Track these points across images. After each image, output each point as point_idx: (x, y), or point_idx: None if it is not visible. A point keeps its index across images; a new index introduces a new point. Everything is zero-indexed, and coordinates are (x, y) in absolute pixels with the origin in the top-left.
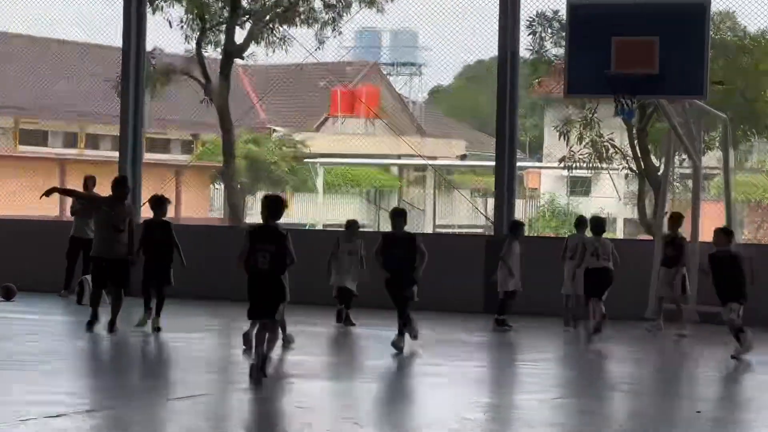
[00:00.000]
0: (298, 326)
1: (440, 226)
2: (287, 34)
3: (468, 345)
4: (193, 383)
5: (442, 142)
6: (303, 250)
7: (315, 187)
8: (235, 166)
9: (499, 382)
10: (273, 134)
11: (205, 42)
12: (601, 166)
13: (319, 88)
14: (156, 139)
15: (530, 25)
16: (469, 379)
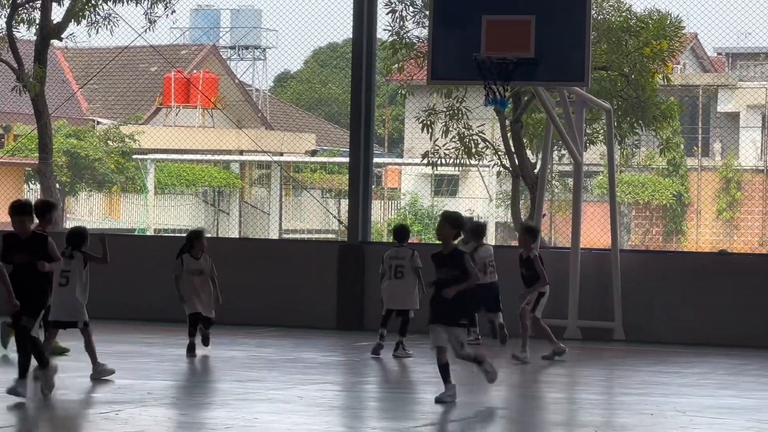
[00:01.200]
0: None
1: (288, 231)
2: (112, 12)
3: (318, 366)
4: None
5: (289, 136)
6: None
7: (145, 187)
8: (52, 163)
9: (354, 407)
10: (97, 127)
11: (16, 21)
12: (469, 163)
13: (150, 74)
14: None
15: (389, 3)
16: (319, 405)
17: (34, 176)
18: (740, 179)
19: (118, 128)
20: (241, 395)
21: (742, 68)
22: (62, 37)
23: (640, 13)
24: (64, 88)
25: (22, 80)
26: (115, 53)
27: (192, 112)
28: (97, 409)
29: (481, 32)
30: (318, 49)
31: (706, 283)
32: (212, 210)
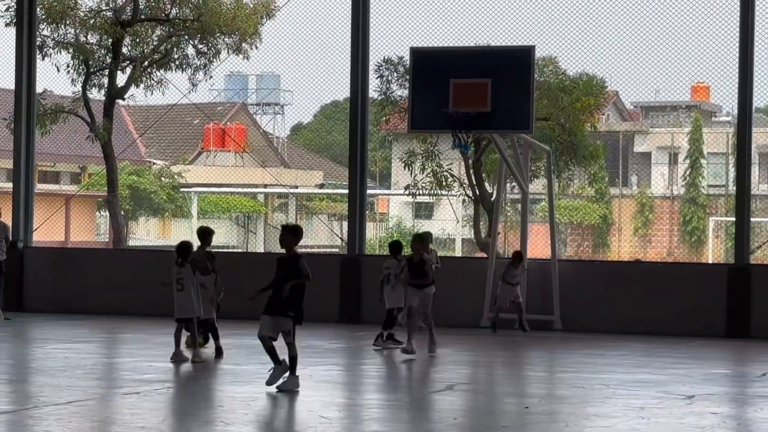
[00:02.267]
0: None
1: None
2: (164, 77)
3: (325, 351)
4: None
5: (302, 173)
6: None
7: (190, 213)
8: (118, 195)
9: (353, 383)
10: (152, 166)
11: (90, 84)
12: (441, 193)
13: (193, 125)
14: (47, 172)
15: (378, 70)
16: (325, 382)
17: (103, 206)
18: (652, 204)
19: (169, 167)
20: (263, 375)
21: (653, 117)
22: (125, 97)
23: (572, 75)
24: (127, 136)
25: (94, 131)
26: (166, 109)
27: (226, 154)
28: (151, 386)
29: (449, 92)
30: (324, 105)
31: (625, 284)
32: (243, 231)
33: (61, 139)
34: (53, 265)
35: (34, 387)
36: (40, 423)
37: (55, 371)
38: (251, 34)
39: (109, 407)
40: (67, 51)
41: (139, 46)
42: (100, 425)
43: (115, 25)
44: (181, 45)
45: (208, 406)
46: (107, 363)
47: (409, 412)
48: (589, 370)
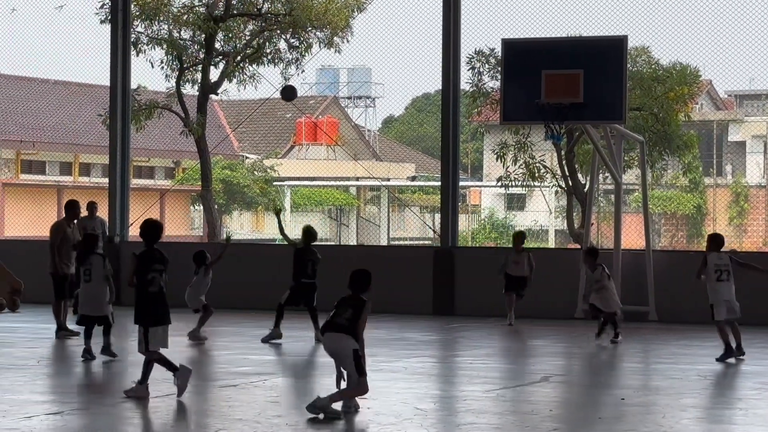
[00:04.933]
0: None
1: (394, 239)
2: (256, 72)
3: (419, 343)
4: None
5: (394, 166)
6: (273, 262)
7: (283, 207)
8: (212, 189)
9: (447, 375)
10: (245, 161)
11: (183, 80)
12: (533, 184)
13: (285, 119)
14: (142, 167)
15: (470, 62)
16: (419, 374)
17: (197, 200)
18: (747, 193)
19: (262, 161)
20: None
21: (747, 106)
22: (218, 92)
23: (665, 65)
24: (220, 131)
25: (188, 126)
26: (259, 104)
27: (318, 148)
28: (247, 379)
29: (542, 83)
30: (415, 98)
31: None
32: (335, 224)
33: (156, 134)
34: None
35: (130, 380)
36: (136, 414)
37: None
38: (342, 28)
39: (206, 400)
40: (160, 47)
41: (231, 41)
42: (198, 418)
43: (208, 21)
44: (273, 39)
45: (304, 398)
46: (203, 356)
47: (504, 403)
48: (686, 361)
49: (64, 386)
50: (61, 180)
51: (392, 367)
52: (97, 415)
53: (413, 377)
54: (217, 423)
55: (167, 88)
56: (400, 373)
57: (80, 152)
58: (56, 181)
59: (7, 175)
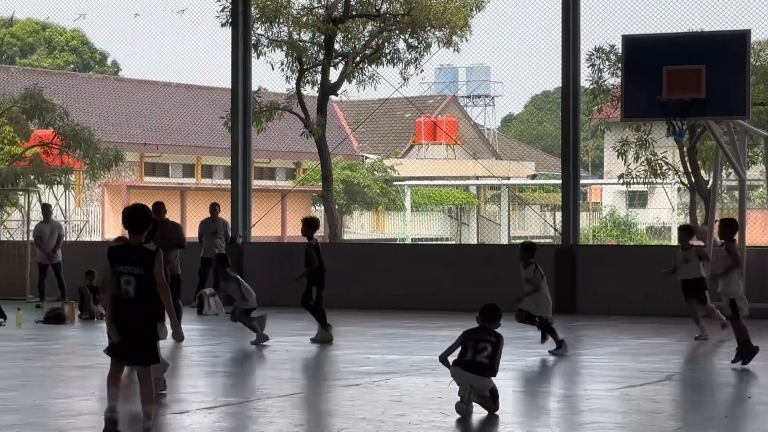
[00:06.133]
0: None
1: (514, 238)
2: (375, 72)
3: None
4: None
5: (514, 164)
6: (392, 262)
7: (404, 206)
8: (332, 190)
9: (570, 373)
10: (365, 161)
11: (303, 81)
12: (655, 181)
13: (405, 119)
14: (263, 168)
15: (590, 59)
16: (543, 372)
17: (318, 200)
18: None
19: (382, 161)
20: None
21: None
22: (337, 93)
23: None
24: (340, 131)
25: (308, 127)
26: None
27: (438, 147)
28: (370, 378)
29: (663, 79)
30: (534, 96)
31: None
32: (456, 223)
33: (276, 135)
34: (271, 259)
35: (258, 380)
36: (264, 414)
37: (277, 364)
38: (461, 27)
39: (330, 399)
40: (280, 49)
41: (350, 41)
42: (322, 417)
43: (328, 22)
44: (392, 39)
45: (428, 397)
46: (326, 355)
47: (629, 402)
48: None
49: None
50: (184, 182)
51: (515, 366)
52: (225, 414)
53: (536, 376)
54: (341, 422)
55: (287, 89)
56: (523, 372)
57: (202, 154)
58: (179, 183)
59: (132, 177)
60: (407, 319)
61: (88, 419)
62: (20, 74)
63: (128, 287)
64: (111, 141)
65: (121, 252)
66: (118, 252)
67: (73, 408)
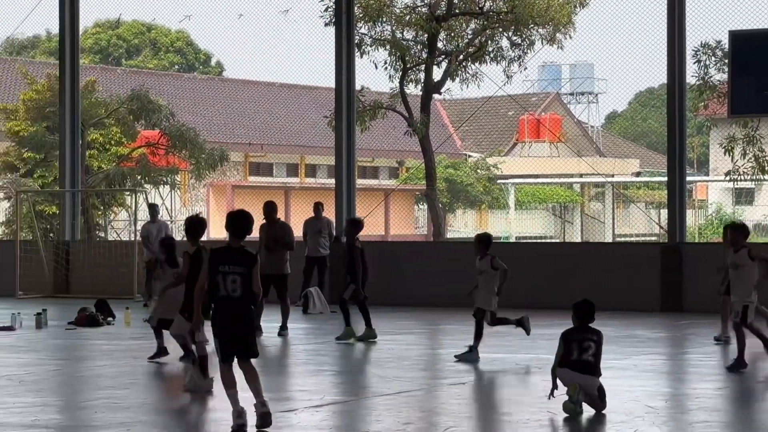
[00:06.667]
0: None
1: (619, 236)
2: (479, 70)
3: (648, 340)
4: (406, 380)
5: (618, 161)
6: None
7: (507, 204)
8: (436, 188)
9: (678, 372)
10: (468, 159)
11: (406, 80)
12: (763, 178)
13: (508, 117)
14: (366, 167)
15: (695, 55)
16: (649, 371)
17: (422, 199)
18: None
19: (485, 160)
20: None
21: None
22: (441, 91)
23: None
24: (443, 130)
25: (412, 126)
26: (481, 102)
27: (541, 145)
28: (476, 376)
29: None
30: (639, 93)
31: None
32: (559, 221)
33: (380, 134)
34: (375, 258)
35: (363, 378)
36: (371, 412)
37: (383, 362)
38: (565, 24)
39: (436, 397)
40: (384, 48)
41: (454, 40)
42: (428, 415)
43: (431, 20)
44: (495, 37)
45: (534, 395)
46: (431, 354)
47: (736, 402)
48: None
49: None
50: (288, 181)
51: (622, 364)
52: (332, 413)
53: (643, 375)
54: (448, 421)
55: (391, 88)
56: (630, 370)
57: (306, 154)
58: (283, 182)
59: (236, 177)
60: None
61: (195, 417)
62: (126, 75)
63: (234, 286)
64: (216, 141)
65: (223, 254)
66: (220, 254)
67: (181, 406)
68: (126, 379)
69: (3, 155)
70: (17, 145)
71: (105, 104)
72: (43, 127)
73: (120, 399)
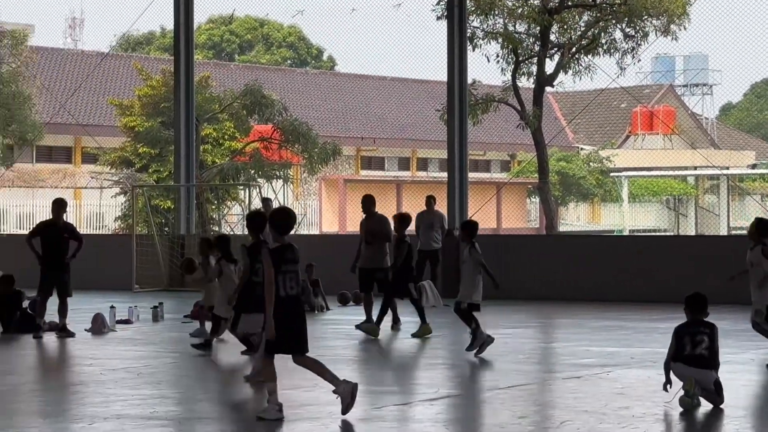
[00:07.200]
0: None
1: (734, 228)
2: (591, 63)
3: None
4: (521, 373)
5: (733, 153)
6: (609, 254)
7: (620, 197)
8: (549, 181)
9: None
10: (581, 152)
11: (519, 73)
12: None
13: (620, 109)
14: (478, 160)
15: None
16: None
17: (534, 192)
18: None
19: (597, 152)
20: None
21: None
22: (553, 84)
23: None
24: (555, 123)
25: (524, 119)
26: (594, 94)
27: (654, 137)
28: (591, 371)
29: None
30: (755, 84)
31: None
32: (673, 214)
33: (491, 127)
34: (488, 251)
35: (478, 371)
36: (485, 406)
37: (497, 356)
38: (679, 15)
39: (551, 391)
40: (496, 41)
41: (566, 32)
42: (543, 409)
43: (543, 13)
44: (608, 29)
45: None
46: (546, 347)
47: None
48: None
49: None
50: (400, 175)
51: (739, 359)
52: (447, 406)
53: (761, 369)
54: (563, 414)
55: (503, 81)
56: (747, 365)
57: (418, 147)
58: (395, 176)
59: (348, 171)
60: (625, 311)
61: (311, 410)
62: (239, 71)
63: (293, 284)
64: (328, 135)
65: (282, 252)
66: (280, 253)
67: (297, 399)
68: (242, 372)
69: (119, 150)
70: (133, 141)
71: (218, 99)
72: (158, 123)
73: (236, 392)
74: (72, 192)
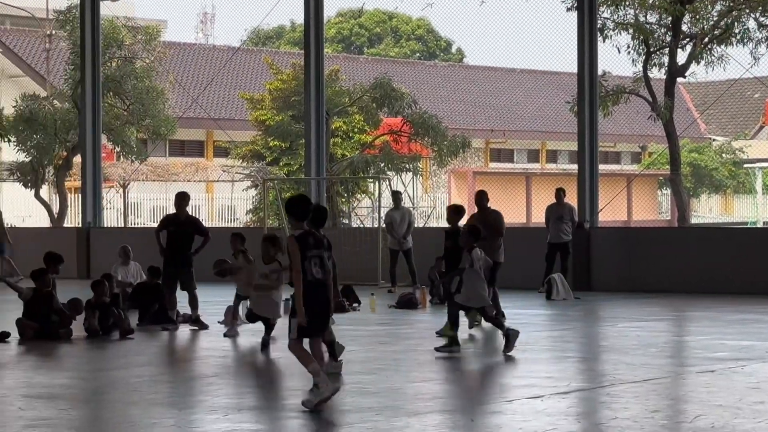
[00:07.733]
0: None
1: None
2: (724, 53)
3: None
4: (653, 367)
5: None
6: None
7: (754, 189)
8: (680, 173)
9: None
10: (713, 143)
11: (650, 64)
12: None
13: (754, 99)
14: (608, 152)
15: None
16: None
17: (665, 184)
18: None
19: (730, 143)
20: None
21: None
22: (685, 75)
23: None
24: (687, 114)
25: (656, 110)
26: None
27: None
28: (725, 364)
29: None
30: None
31: None
32: None
33: (622, 119)
34: (618, 244)
35: (609, 365)
36: (617, 400)
37: (628, 349)
38: None
39: (684, 385)
40: (627, 32)
41: (699, 22)
42: (676, 403)
43: (675, 3)
44: (741, 18)
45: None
46: (678, 341)
47: None
48: None
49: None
50: (529, 167)
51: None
52: (579, 399)
53: None
54: (696, 409)
55: (633, 72)
56: None
57: (547, 139)
58: (524, 168)
59: (477, 164)
60: (760, 304)
61: (443, 402)
62: (368, 64)
63: (320, 269)
64: (457, 128)
65: (306, 238)
66: (305, 239)
67: (429, 391)
68: (373, 364)
69: (250, 144)
70: (263, 134)
71: (348, 93)
72: (288, 116)
73: (368, 384)
74: (204, 185)
